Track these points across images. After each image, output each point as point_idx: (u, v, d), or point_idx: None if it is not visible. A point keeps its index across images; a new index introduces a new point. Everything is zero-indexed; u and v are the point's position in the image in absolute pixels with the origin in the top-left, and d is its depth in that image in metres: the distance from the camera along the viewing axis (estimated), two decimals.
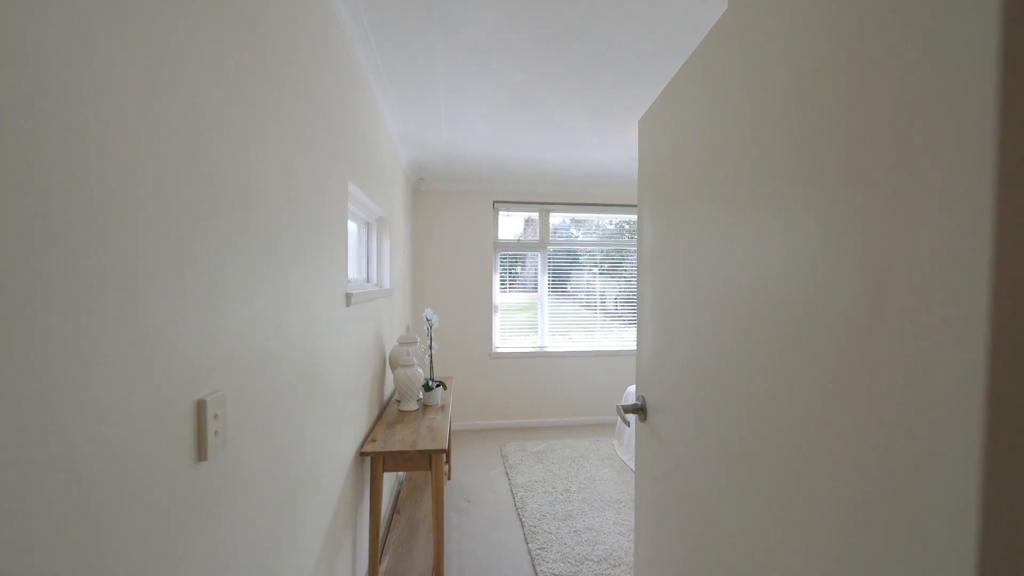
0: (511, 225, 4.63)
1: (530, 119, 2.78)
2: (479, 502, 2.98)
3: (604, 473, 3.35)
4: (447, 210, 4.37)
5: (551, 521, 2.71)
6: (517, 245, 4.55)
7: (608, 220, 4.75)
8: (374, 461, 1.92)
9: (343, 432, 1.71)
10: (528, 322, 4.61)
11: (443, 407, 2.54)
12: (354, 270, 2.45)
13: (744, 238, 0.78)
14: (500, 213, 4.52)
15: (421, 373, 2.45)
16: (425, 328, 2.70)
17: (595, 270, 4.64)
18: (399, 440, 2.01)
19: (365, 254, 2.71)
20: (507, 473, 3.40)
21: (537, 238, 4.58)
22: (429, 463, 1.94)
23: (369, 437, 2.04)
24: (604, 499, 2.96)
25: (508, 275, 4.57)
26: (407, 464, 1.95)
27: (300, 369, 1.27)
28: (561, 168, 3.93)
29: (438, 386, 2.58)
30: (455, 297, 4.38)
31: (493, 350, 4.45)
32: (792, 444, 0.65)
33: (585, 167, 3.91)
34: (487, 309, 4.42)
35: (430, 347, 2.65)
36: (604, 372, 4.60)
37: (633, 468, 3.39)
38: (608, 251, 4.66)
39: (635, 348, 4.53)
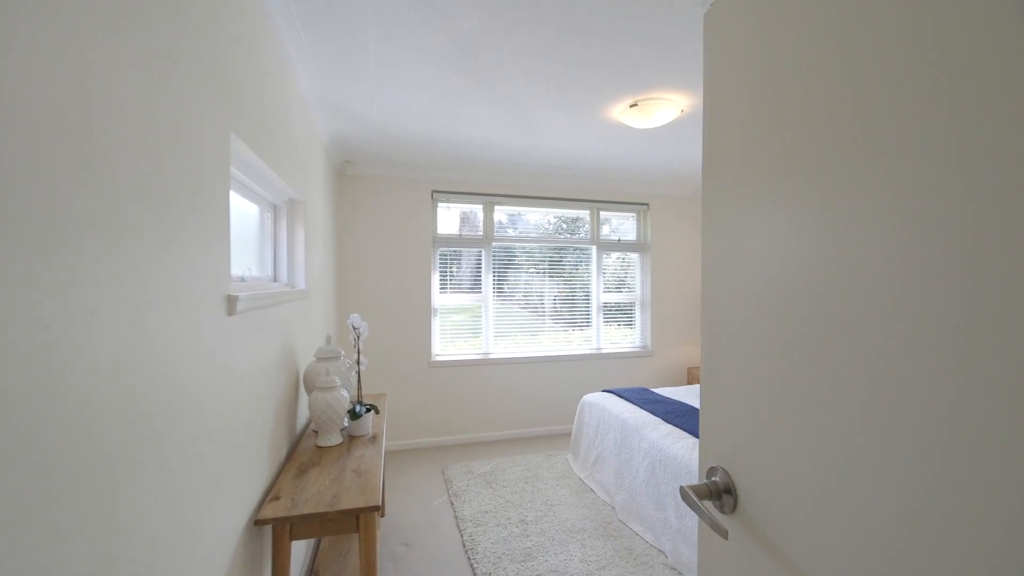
0: (452, 218, 4.15)
1: (480, 88, 2.34)
2: (420, 544, 2.48)
3: (562, 495, 2.98)
4: (379, 199, 3.80)
5: (508, 563, 2.28)
6: (459, 240, 4.08)
7: (548, 217, 4.42)
8: (277, 530, 1.38)
9: (225, 494, 1.17)
10: (469, 326, 4.16)
11: (375, 437, 2.03)
12: (253, 265, 1.87)
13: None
14: (439, 204, 4.03)
15: (346, 396, 1.92)
16: (351, 339, 2.17)
17: (534, 270, 4.29)
18: (314, 495, 1.48)
19: (272, 246, 2.12)
20: (452, 503, 2.92)
21: (480, 233, 4.14)
22: (357, 523, 1.44)
23: (270, 494, 1.49)
24: (565, 529, 2.59)
25: (447, 274, 4.09)
26: (325, 528, 1.43)
27: (131, 413, 0.74)
28: (512, 154, 3.53)
29: (368, 410, 2.06)
30: (389, 300, 3.82)
31: (432, 359, 3.95)
32: None
33: (541, 154, 3.53)
34: (425, 312, 3.91)
35: (358, 362, 2.12)
36: (553, 379, 4.26)
37: (593, 487, 3.07)
38: (547, 250, 4.33)
39: (583, 353, 4.13)
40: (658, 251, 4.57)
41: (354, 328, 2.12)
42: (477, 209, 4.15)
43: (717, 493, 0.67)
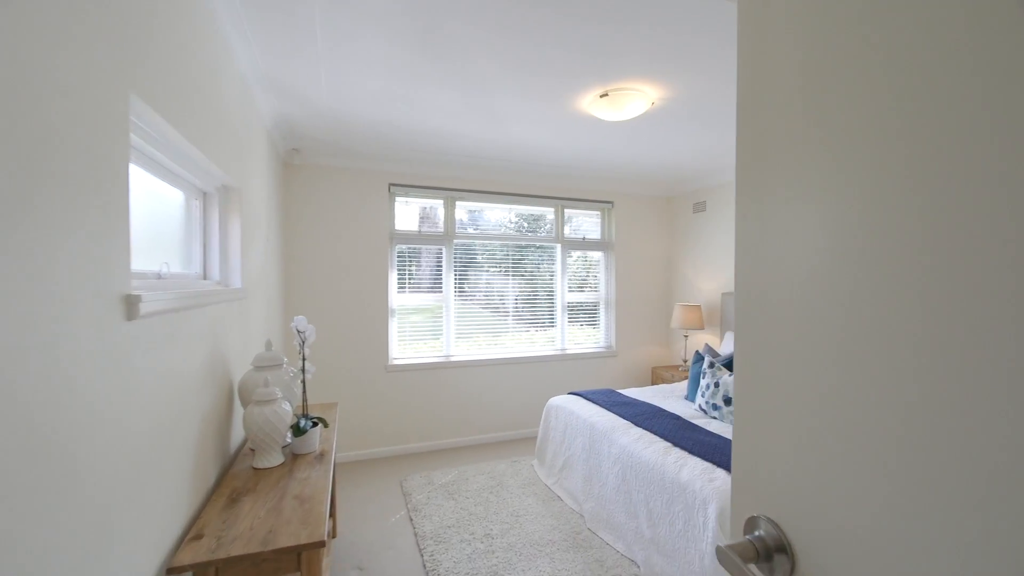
0: (411, 214, 3.92)
1: (441, 69, 2.15)
2: (375, 568, 2.27)
3: (528, 504, 2.84)
4: (331, 191, 3.52)
5: None
6: (419, 237, 3.86)
7: (510, 215, 4.28)
8: None
9: (122, 540, 0.94)
10: (429, 327, 3.94)
11: (322, 454, 1.80)
12: (175, 260, 1.60)
13: None
14: (397, 199, 3.79)
15: (288, 410, 1.69)
16: (296, 344, 1.93)
17: (496, 269, 4.13)
18: (246, 530, 1.26)
19: (201, 238, 1.85)
20: (411, 518, 2.72)
21: (441, 229, 3.93)
22: (298, 562, 1.23)
23: (191, 532, 1.25)
24: (533, 542, 2.45)
25: (405, 273, 3.86)
26: (260, 571, 1.21)
27: None
28: (475, 146, 3.35)
29: (315, 425, 1.83)
30: (342, 300, 3.55)
31: (390, 362, 3.71)
32: None
33: (506, 147, 3.37)
34: (382, 313, 3.67)
35: (303, 370, 1.89)
36: (517, 381, 4.12)
37: (560, 495, 2.94)
38: (510, 248, 4.18)
39: (547, 354, 4.01)
40: (622, 250, 4.52)
41: (299, 332, 1.88)
42: (437, 205, 3.94)
43: (766, 553, 0.52)
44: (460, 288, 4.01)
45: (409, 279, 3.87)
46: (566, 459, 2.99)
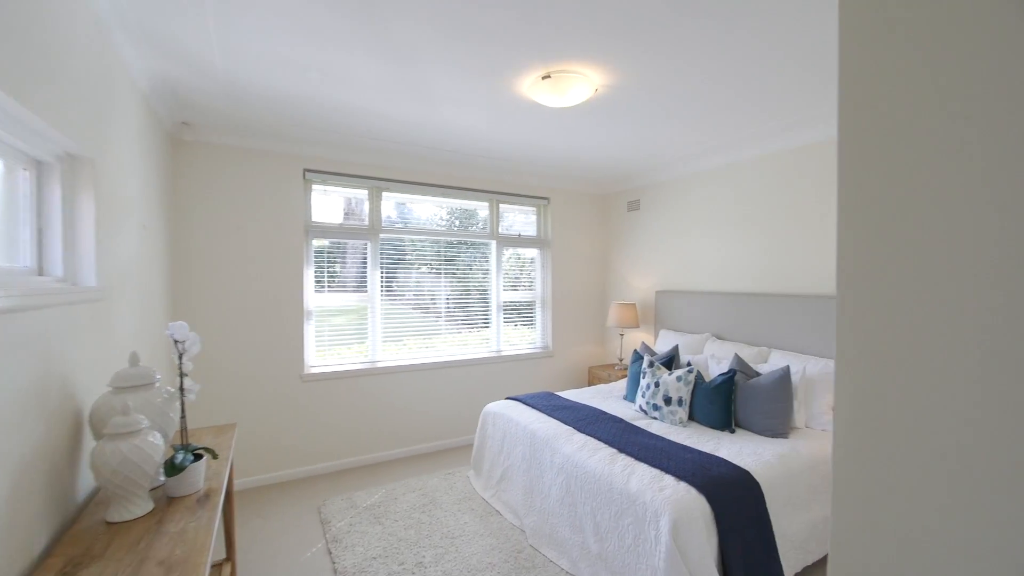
0: (331, 206, 3.51)
1: (362, 32, 1.85)
2: None
3: (465, 523, 2.60)
4: (234, 175, 3.04)
5: None
6: (340, 231, 3.46)
7: (441, 211, 4.02)
8: None
9: None
10: (354, 330, 3.56)
11: (208, 494, 1.44)
12: None
13: None
14: (315, 186, 3.37)
15: (158, 442, 1.32)
16: (173, 356, 1.53)
17: (427, 268, 3.85)
18: None
19: (34, 221, 1.40)
20: (330, 550, 2.37)
21: (366, 223, 3.57)
22: None
23: None
24: (471, 567, 2.21)
25: (325, 271, 3.45)
26: None
27: None
28: (404, 131, 3.04)
29: (198, 458, 1.46)
30: (248, 302, 3.08)
31: (306, 371, 3.28)
32: None
33: (438, 134, 3.09)
34: (297, 316, 3.24)
35: (180, 389, 1.50)
36: (451, 386, 3.85)
37: (499, 508, 2.73)
38: (442, 245, 3.91)
39: (482, 356, 3.80)
40: (559, 248, 4.41)
41: (176, 342, 1.49)
42: (362, 196, 3.57)
43: None
44: (388, 287, 3.67)
45: (330, 278, 3.46)
46: (505, 469, 2.78)
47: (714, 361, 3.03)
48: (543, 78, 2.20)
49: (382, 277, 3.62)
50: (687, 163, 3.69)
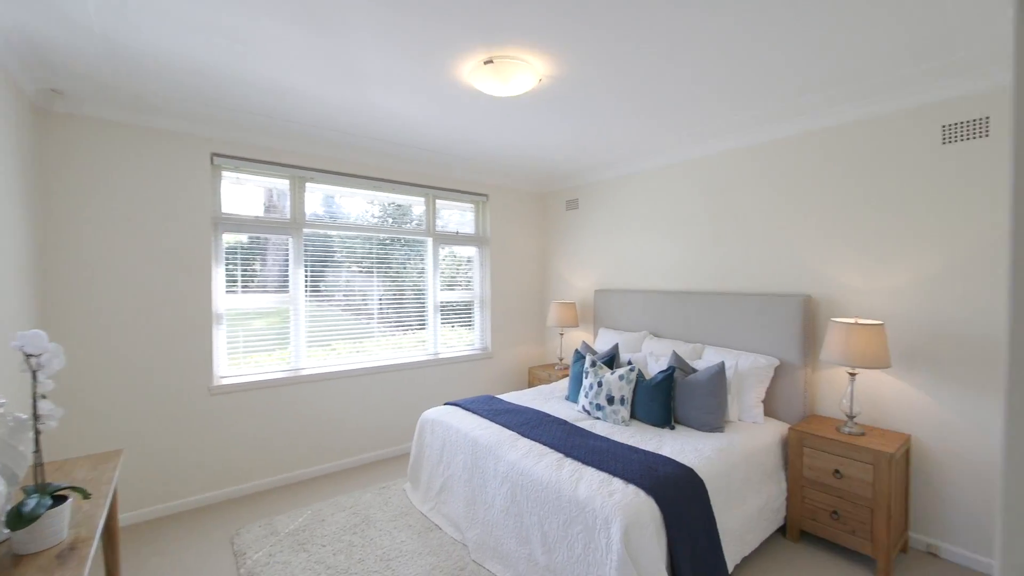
0: (247, 197, 3.13)
1: None
2: None
3: (402, 541, 2.40)
4: (121, 156, 2.59)
5: None
6: (256, 224, 3.10)
7: (372, 207, 3.76)
8: None
9: None
10: (275, 334, 3.21)
11: (74, 545, 1.15)
12: None
13: None
14: (224, 173, 2.98)
15: (0, 491, 1.02)
16: (28, 372, 1.21)
17: (357, 267, 3.57)
18: None
19: None
20: None
21: (287, 216, 3.23)
22: None
23: None
24: None
25: (237, 270, 3.07)
26: None
27: None
28: (330, 115, 2.76)
29: (59, 501, 1.16)
30: (140, 306, 2.64)
31: (215, 383, 2.90)
32: None
33: (370, 120, 2.84)
34: (204, 321, 2.84)
35: (34, 416, 1.19)
36: (384, 392, 3.61)
37: (439, 523, 2.56)
38: (373, 242, 3.66)
39: (418, 360, 3.60)
40: (497, 246, 4.30)
41: (28, 356, 1.17)
42: (284, 188, 3.22)
43: None
44: (314, 287, 3.35)
45: (248, 278, 3.09)
46: (445, 480, 2.62)
47: (653, 359, 3.07)
48: (485, 63, 2.06)
49: (307, 276, 3.30)
50: (625, 163, 3.73)
